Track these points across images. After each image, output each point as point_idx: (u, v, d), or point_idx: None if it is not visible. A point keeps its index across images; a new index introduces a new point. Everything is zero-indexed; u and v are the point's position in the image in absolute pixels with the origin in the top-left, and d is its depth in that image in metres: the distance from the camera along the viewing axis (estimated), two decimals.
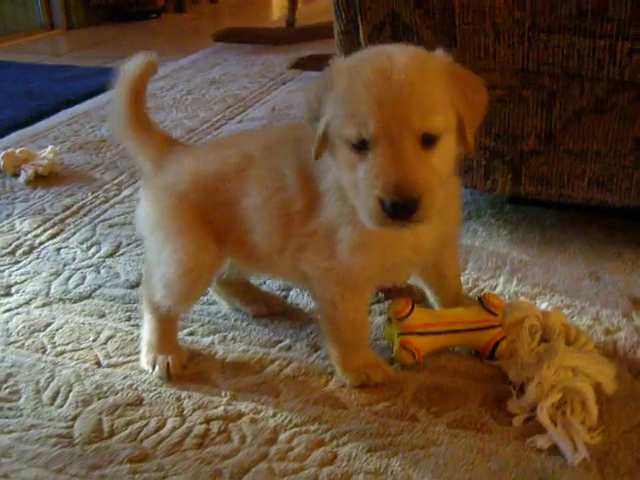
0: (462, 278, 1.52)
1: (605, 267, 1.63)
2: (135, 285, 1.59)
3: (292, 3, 4.28)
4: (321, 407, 1.22)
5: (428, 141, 1.05)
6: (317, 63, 3.33)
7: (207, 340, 1.41)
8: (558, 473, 1.07)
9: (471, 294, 1.53)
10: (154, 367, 1.32)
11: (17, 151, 2.28)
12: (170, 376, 1.30)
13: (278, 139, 1.30)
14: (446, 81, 1.08)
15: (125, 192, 2.12)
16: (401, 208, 1.02)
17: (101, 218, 1.95)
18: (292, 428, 1.17)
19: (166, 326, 1.36)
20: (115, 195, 2.10)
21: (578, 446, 1.09)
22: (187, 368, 1.33)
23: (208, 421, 1.19)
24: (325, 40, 3.98)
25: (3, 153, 2.28)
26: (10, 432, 1.18)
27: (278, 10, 6.02)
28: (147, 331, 1.36)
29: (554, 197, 1.65)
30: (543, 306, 1.38)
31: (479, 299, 1.35)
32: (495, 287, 1.56)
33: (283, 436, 1.16)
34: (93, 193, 2.11)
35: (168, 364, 1.31)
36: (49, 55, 4.21)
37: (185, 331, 1.44)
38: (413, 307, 1.33)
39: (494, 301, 1.33)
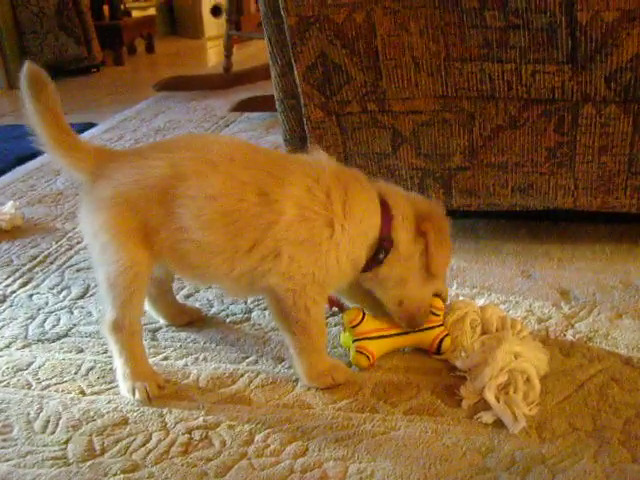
0: None
1: (535, 265, 1.81)
2: None
3: (228, 50, 4.47)
4: (290, 409, 1.36)
5: None
6: (256, 104, 3.53)
7: (181, 362, 1.54)
8: (503, 441, 1.23)
9: None
10: (134, 393, 1.42)
11: None
12: (150, 399, 1.42)
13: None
14: None
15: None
16: None
17: (67, 264, 2.06)
18: (266, 429, 1.31)
19: (134, 352, 1.45)
20: (78, 242, 2.21)
21: (518, 417, 1.25)
22: (165, 388, 1.45)
23: (190, 431, 1.32)
24: (260, 82, 4.19)
25: None
26: (8, 460, 1.28)
27: (213, 57, 6.22)
28: (120, 363, 1.46)
29: (483, 206, 1.83)
30: (480, 303, 1.55)
31: None
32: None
33: (259, 437, 1.29)
34: (57, 242, 2.22)
35: (146, 389, 1.42)
36: None
37: (159, 357, 1.56)
38: (364, 315, 1.48)
39: (435, 304, 1.49)
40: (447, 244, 1.44)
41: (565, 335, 1.52)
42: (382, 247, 1.41)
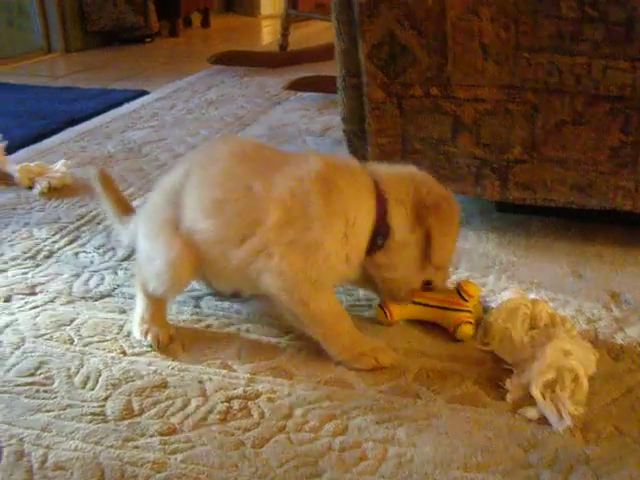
0: (454, 277, 1.67)
1: (586, 266, 1.77)
2: None
3: (285, 28, 4.45)
4: (331, 387, 1.35)
5: None
6: (311, 84, 3.51)
7: (223, 332, 1.53)
8: (546, 439, 1.20)
9: None
10: (146, 337, 1.48)
11: (32, 165, 2.40)
12: (159, 346, 1.47)
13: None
14: None
15: (135, 203, 2.24)
16: None
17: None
18: (306, 405, 1.30)
19: (157, 306, 1.52)
20: None
21: (564, 415, 1.22)
22: (174, 341, 1.49)
23: (229, 400, 1.31)
24: (315, 63, 4.17)
25: (19, 166, 2.39)
26: (48, 411, 1.29)
27: (268, 35, 6.20)
28: (140, 307, 1.52)
29: (539, 202, 1.79)
30: (531, 297, 1.52)
31: (458, 284, 1.51)
32: (485, 285, 1.69)
33: (298, 411, 1.28)
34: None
35: (158, 335, 1.48)
36: (49, 77, 4.33)
37: (202, 324, 1.56)
38: None
39: (468, 289, 1.49)
40: (452, 235, 1.44)
41: (614, 338, 1.49)
42: (380, 232, 1.40)
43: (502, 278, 1.72)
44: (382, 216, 1.40)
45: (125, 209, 1.72)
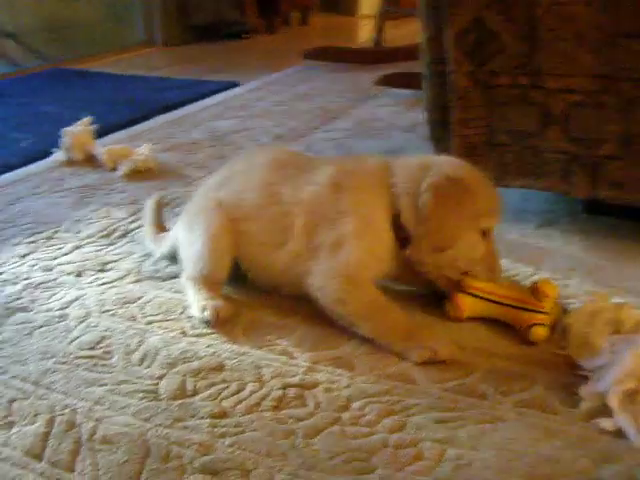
0: (534, 277, 1.58)
1: None
2: None
3: (380, 25, 4.39)
4: (393, 382, 1.28)
5: None
6: (402, 80, 3.43)
7: (286, 320, 1.49)
8: (622, 453, 1.09)
9: None
10: (204, 311, 1.46)
11: (117, 147, 2.44)
12: (218, 320, 1.45)
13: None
14: None
15: None
16: None
17: None
18: (364, 398, 1.23)
19: (210, 286, 1.53)
20: None
21: None
22: (233, 319, 1.48)
23: (285, 387, 1.26)
24: (410, 61, 4.08)
25: (105, 149, 2.44)
26: (103, 385, 1.28)
27: (365, 34, 6.15)
28: (194, 293, 1.52)
29: (632, 202, 1.67)
30: (615, 300, 1.40)
31: (533, 283, 1.42)
32: (567, 287, 1.58)
33: (356, 404, 1.22)
34: (184, 188, 2.23)
35: (217, 310, 1.46)
36: (147, 69, 4.42)
37: (267, 311, 1.52)
38: None
39: (544, 288, 1.39)
40: (449, 216, 1.40)
41: None
42: (399, 227, 1.43)
43: (587, 281, 1.61)
44: (397, 212, 1.42)
45: (160, 229, 1.82)
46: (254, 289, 1.60)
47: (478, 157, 1.73)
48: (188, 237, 1.60)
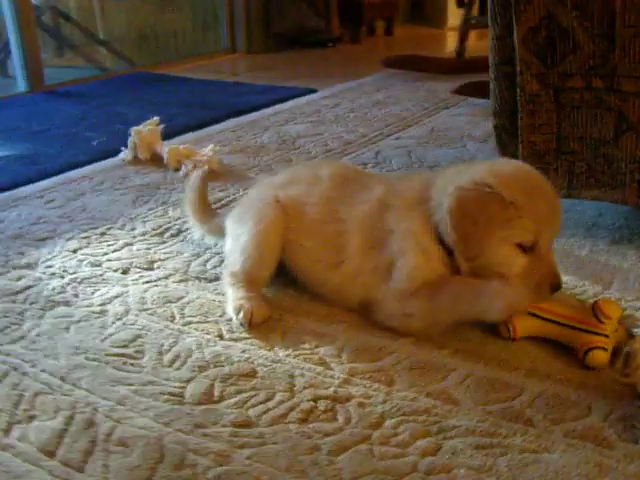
0: (603, 296, 1.45)
1: None
2: None
3: (462, 35, 4.29)
4: (433, 400, 1.18)
5: None
6: (480, 89, 3.30)
7: (328, 328, 1.41)
8: None
9: None
10: (239, 313, 1.40)
11: (181, 147, 2.42)
12: (251, 323, 1.39)
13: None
14: None
15: None
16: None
17: None
18: (400, 416, 1.14)
19: (250, 286, 1.47)
20: None
21: None
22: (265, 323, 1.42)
23: (316, 399, 1.19)
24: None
25: (168, 148, 2.42)
26: (129, 384, 1.23)
27: (450, 45, 6.02)
28: (232, 292, 1.47)
29: None
30: None
31: (595, 302, 1.29)
32: (638, 309, 1.45)
33: (389, 422, 1.13)
34: (245, 189, 2.18)
35: (252, 312, 1.40)
36: (228, 74, 4.44)
37: (310, 318, 1.44)
38: None
39: (606, 309, 1.27)
40: (461, 227, 1.31)
41: None
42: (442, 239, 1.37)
43: None
44: (436, 224, 1.37)
45: (204, 204, 1.82)
46: (300, 293, 1.53)
47: (546, 165, 1.61)
48: (236, 229, 1.56)
